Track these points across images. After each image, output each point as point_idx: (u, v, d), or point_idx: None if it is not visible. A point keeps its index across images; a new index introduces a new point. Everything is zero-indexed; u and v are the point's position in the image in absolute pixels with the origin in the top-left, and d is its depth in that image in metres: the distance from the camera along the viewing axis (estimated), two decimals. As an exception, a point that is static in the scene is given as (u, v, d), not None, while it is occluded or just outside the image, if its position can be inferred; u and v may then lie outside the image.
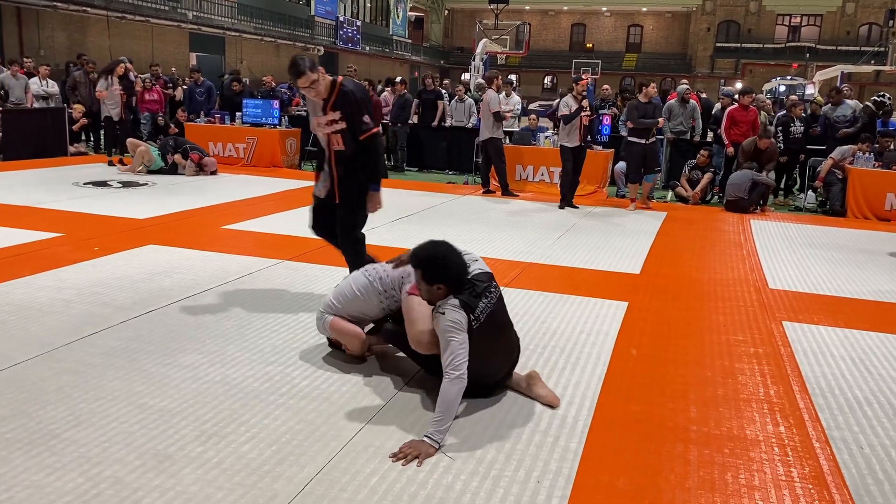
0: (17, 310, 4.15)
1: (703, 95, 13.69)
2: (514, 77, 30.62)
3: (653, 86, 9.19)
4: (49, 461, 2.56)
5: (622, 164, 9.97)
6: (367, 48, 40.54)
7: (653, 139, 9.11)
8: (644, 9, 49.41)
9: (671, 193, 10.60)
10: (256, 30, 31.68)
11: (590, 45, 50.77)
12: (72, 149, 11.80)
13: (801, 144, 10.50)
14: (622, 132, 10.55)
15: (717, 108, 11.52)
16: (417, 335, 3.15)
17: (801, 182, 10.90)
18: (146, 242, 5.99)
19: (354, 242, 4.43)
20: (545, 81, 50.61)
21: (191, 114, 12.49)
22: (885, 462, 2.87)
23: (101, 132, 12.19)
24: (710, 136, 11.37)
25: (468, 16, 50.70)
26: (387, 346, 3.68)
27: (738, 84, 30.99)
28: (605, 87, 13.24)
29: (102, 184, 9.09)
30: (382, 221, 7.34)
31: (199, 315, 4.23)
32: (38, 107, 12.05)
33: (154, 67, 13.44)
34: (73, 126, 12.11)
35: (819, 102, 11.66)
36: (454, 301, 2.94)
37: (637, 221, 8.32)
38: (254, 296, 4.67)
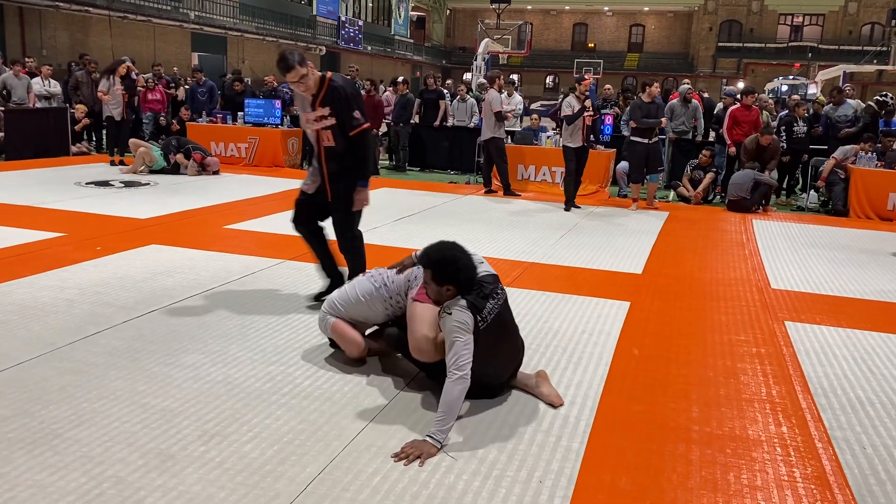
0: (20, 309, 4.16)
1: (706, 95, 13.67)
2: (516, 77, 30.57)
3: (656, 85, 9.18)
4: (52, 461, 2.57)
5: (624, 164, 9.97)
6: (369, 48, 40.55)
7: (655, 139, 9.10)
8: (646, 8, 49.39)
9: (673, 193, 10.59)
10: (258, 30, 31.70)
11: (592, 45, 50.76)
12: (74, 148, 11.82)
13: (804, 144, 10.48)
14: (624, 132, 10.56)
15: (720, 108, 11.52)
16: (419, 343, 3.15)
17: (804, 182, 10.88)
18: (148, 242, 6.00)
19: (352, 240, 4.42)
20: (547, 81, 50.59)
21: (193, 114, 12.51)
22: (888, 462, 2.87)
23: (104, 132, 12.22)
24: (713, 136, 11.37)
25: (470, 15, 50.72)
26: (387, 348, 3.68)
27: (741, 84, 30.91)
28: (607, 87, 13.26)
29: (104, 184, 9.10)
30: (384, 221, 7.34)
31: (202, 315, 4.23)
32: (41, 107, 12.07)
33: (156, 67, 13.48)
34: (76, 126, 12.13)
35: (821, 102, 11.64)
36: (462, 302, 2.94)
37: (639, 221, 8.32)
38: (256, 295, 4.67)
